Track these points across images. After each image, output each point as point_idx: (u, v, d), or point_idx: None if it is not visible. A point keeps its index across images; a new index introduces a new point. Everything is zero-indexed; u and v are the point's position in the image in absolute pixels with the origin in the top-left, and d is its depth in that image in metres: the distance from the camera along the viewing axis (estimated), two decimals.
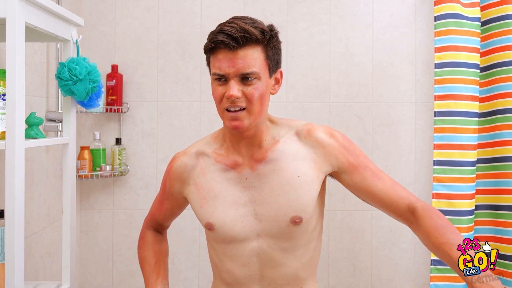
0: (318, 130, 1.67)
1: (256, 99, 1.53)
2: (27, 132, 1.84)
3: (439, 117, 2.68)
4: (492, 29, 2.72)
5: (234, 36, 1.48)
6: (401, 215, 1.64)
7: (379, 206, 1.67)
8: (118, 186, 3.11)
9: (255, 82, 1.52)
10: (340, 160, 1.65)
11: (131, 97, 3.10)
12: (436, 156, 2.68)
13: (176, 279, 3.12)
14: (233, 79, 1.51)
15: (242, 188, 1.64)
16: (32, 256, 2.46)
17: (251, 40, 1.51)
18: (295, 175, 1.61)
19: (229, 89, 1.50)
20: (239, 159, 1.66)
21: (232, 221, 1.62)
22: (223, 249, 1.67)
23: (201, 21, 3.11)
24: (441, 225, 1.53)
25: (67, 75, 1.88)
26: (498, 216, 2.70)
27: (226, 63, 1.50)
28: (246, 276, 1.65)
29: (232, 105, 1.52)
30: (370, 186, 1.65)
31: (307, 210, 1.61)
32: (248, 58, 1.51)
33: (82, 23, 2.05)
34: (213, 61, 1.54)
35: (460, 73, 2.67)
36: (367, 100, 3.09)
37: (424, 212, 1.58)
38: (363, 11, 3.10)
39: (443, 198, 2.66)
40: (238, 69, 1.50)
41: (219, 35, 1.50)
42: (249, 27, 1.51)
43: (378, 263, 3.10)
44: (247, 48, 1.51)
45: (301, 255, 1.66)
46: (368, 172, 1.67)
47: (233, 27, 1.50)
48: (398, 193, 1.65)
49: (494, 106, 2.71)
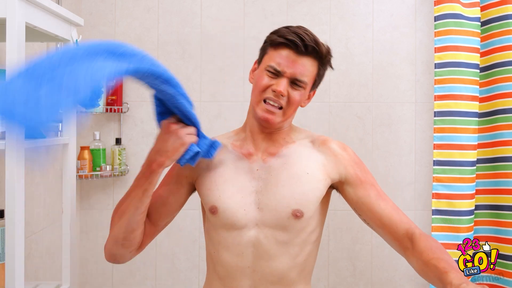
0: (332, 142, 1.75)
1: (294, 103, 1.66)
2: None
3: (439, 117, 2.68)
4: (492, 29, 2.71)
5: (306, 43, 1.60)
6: (398, 238, 1.64)
7: (378, 226, 1.69)
8: (118, 186, 3.11)
9: (300, 89, 1.65)
10: (348, 171, 1.71)
11: (131, 97, 3.11)
12: (436, 156, 2.68)
13: (176, 279, 3.12)
14: (286, 79, 1.63)
15: (251, 178, 1.70)
16: (32, 256, 2.46)
17: (316, 54, 1.64)
18: (304, 171, 1.67)
19: (279, 84, 1.62)
20: (254, 150, 1.74)
21: (236, 207, 1.66)
22: (221, 237, 1.69)
23: (201, 21, 3.11)
24: (436, 247, 1.53)
25: None
26: (498, 216, 2.70)
27: (287, 63, 1.62)
28: (239, 268, 1.67)
29: (274, 98, 1.63)
30: (373, 204, 1.68)
31: (310, 207, 1.65)
32: (306, 67, 1.64)
33: (82, 23, 2.05)
34: (273, 54, 1.65)
35: (460, 73, 2.67)
36: (367, 100, 3.09)
37: (421, 236, 1.58)
38: (363, 11, 3.10)
39: (443, 198, 2.66)
40: (295, 72, 1.63)
41: (293, 35, 1.61)
42: (320, 41, 1.64)
43: (378, 263, 3.10)
44: (309, 58, 1.64)
45: (296, 254, 1.68)
46: (373, 190, 1.71)
47: (307, 35, 1.62)
48: (399, 216, 1.67)
49: (494, 106, 2.71)
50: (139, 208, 1.63)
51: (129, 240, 1.67)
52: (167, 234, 3.10)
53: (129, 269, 3.12)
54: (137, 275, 3.12)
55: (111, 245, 1.69)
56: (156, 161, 1.59)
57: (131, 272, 3.13)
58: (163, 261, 3.12)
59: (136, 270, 3.12)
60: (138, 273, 3.12)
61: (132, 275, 3.13)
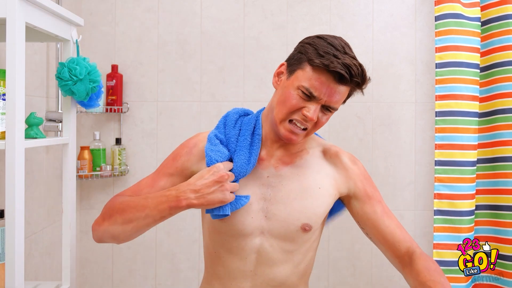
0: (343, 154, 1.73)
1: (319, 125, 1.58)
2: (27, 132, 1.84)
3: (440, 117, 2.68)
4: (492, 29, 2.71)
5: (353, 79, 1.50)
6: (398, 256, 1.65)
7: (380, 242, 1.69)
8: (118, 186, 3.10)
9: (329, 114, 1.57)
10: (358, 186, 1.70)
11: (131, 97, 3.10)
12: (438, 156, 2.68)
13: (176, 279, 3.12)
14: (319, 105, 1.53)
15: (260, 185, 1.66)
16: (32, 256, 2.46)
17: (356, 84, 1.54)
18: (316, 186, 1.66)
19: (311, 111, 1.52)
20: (266, 156, 1.69)
21: (244, 215, 1.62)
22: (223, 240, 1.67)
23: (201, 21, 3.10)
24: (434, 269, 1.53)
25: (67, 75, 1.88)
26: (498, 216, 2.70)
27: (325, 90, 1.50)
28: (240, 271, 1.66)
29: (302, 122, 1.55)
30: (378, 220, 1.68)
31: (318, 221, 1.66)
32: (342, 95, 1.54)
33: (82, 23, 2.04)
34: (311, 76, 1.52)
35: (461, 73, 2.66)
36: (367, 100, 3.08)
37: (421, 256, 1.58)
38: (363, 11, 3.09)
39: (445, 199, 2.66)
40: (331, 101, 1.53)
41: (342, 67, 1.47)
42: (365, 73, 1.54)
43: (378, 262, 3.09)
44: (347, 86, 1.53)
45: (299, 262, 1.69)
46: (380, 207, 1.70)
47: (356, 66, 1.49)
48: (402, 234, 1.67)
49: (494, 106, 2.70)
50: (150, 226, 1.58)
51: (127, 240, 1.64)
52: (167, 233, 3.10)
53: (129, 269, 3.12)
54: (137, 275, 3.12)
55: (105, 237, 1.64)
56: (188, 200, 1.50)
57: (131, 272, 3.12)
58: (163, 261, 3.12)
59: (136, 270, 3.11)
60: (138, 273, 3.11)
61: (132, 275, 3.12)
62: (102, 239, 1.64)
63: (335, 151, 1.73)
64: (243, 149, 1.63)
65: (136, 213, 1.55)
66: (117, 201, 1.63)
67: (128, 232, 1.59)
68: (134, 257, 3.11)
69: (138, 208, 1.56)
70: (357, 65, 1.50)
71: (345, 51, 1.51)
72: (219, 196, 1.51)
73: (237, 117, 1.75)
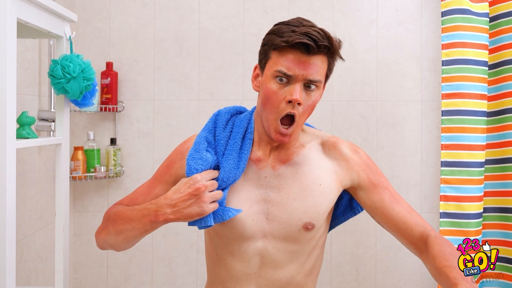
0: (343, 144, 1.70)
1: (310, 109, 1.55)
2: (19, 132, 1.82)
3: (446, 116, 2.65)
4: (501, 25, 2.68)
5: (318, 43, 1.47)
6: (413, 242, 1.63)
7: (393, 230, 1.68)
8: (113, 187, 3.07)
9: (315, 91, 1.54)
10: (361, 176, 1.68)
11: (126, 95, 3.07)
12: (444, 157, 2.65)
13: (173, 284, 3.08)
14: (299, 83, 1.50)
15: (258, 185, 1.64)
16: (24, 261, 2.43)
17: (328, 50, 1.51)
18: (317, 183, 1.63)
19: (294, 92, 1.49)
20: (262, 156, 1.66)
21: (244, 217, 1.61)
22: (225, 244, 1.67)
23: (199, 17, 3.06)
24: (449, 252, 1.49)
25: (60, 73, 1.85)
26: (507, 219, 2.67)
27: (297, 65, 1.49)
28: (244, 273, 1.65)
29: (292, 111, 1.51)
30: (387, 208, 1.66)
31: (320, 219, 1.64)
32: (318, 66, 1.51)
33: (76, 19, 2.03)
34: (279, 59, 1.51)
35: (468, 71, 2.63)
36: (371, 98, 3.05)
37: (436, 239, 1.56)
38: (366, 7, 3.06)
39: (451, 201, 2.63)
40: (308, 74, 1.49)
41: (303, 37, 1.46)
42: (332, 37, 1.51)
43: (383, 267, 3.06)
44: (320, 56, 1.51)
45: (304, 261, 1.68)
46: (387, 193, 1.68)
47: (318, 32, 1.48)
48: (414, 219, 1.65)
49: (503, 105, 2.67)
50: (138, 237, 1.59)
51: (124, 249, 1.67)
52: (164, 237, 3.08)
53: (124, 274, 3.08)
54: (133, 280, 3.08)
55: (105, 246, 1.69)
56: (164, 215, 1.51)
57: (127, 277, 3.08)
58: (159, 266, 3.08)
59: (132, 275, 3.07)
60: (134, 278, 3.08)
61: (128, 280, 3.08)
62: (103, 247, 1.70)
63: (334, 142, 1.70)
64: (232, 153, 1.61)
65: (124, 224, 1.59)
66: (112, 211, 1.67)
67: (120, 243, 1.63)
68: (130, 261, 3.08)
69: (125, 220, 1.59)
70: (317, 30, 1.48)
71: (302, 24, 1.51)
72: (196, 209, 1.49)
73: (229, 117, 1.73)
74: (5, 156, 1.52)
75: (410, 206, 1.69)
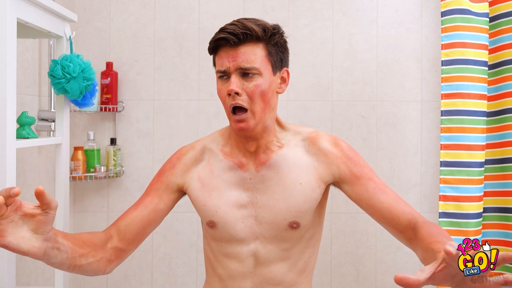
0: (322, 139, 1.72)
1: (257, 96, 1.57)
2: (19, 132, 1.83)
3: (446, 116, 2.64)
4: (500, 25, 2.66)
5: (235, 32, 1.54)
6: (401, 230, 1.63)
7: (380, 220, 1.68)
8: (113, 188, 3.06)
9: (256, 78, 1.57)
10: (341, 170, 1.69)
11: (126, 95, 3.06)
12: (443, 157, 2.64)
13: (173, 284, 3.08)
14: (234, 74, 1.57)
15: (245, 189, 1.68)
16: (23, 261, 2.42)
17: (252, 37, 1.57)
18: (297, 182, 1.66)
19: (229, 83, 1.56)
20: (244, 159, 1.70)
21: (234, 221, 1.66)
22: (220, 247, 1.71)
23: (199, 16, 3.05)
24: (436, 232, 1.47)
25: (60, 73, 1.86)
26: (507, 219, 2.66)
27: (226, 59, 1.57)
28: (240, 272, 1.70)
29: (234, 102, 1.56)
30: (372, 198, 1.67)
31: (305, 217, 1.67)
32: (249, 54, 1.56)
33: (76, 19, 2.04)
34: (217, 60, 1.61)
35: (467, 71, 2.62)
36: (371, 98, 3.04)
37: (424, 224, 1.54)
38: (367, 6, 3.05)
39: (451, 201, 2.62)
40: (238, 63, 1.56)
41: (220, 33, 1.56)
42: (250, 24, 1.57)
43: (383, 267, 3.05)
44: (248, 44, 1.57)
45: (296, 259, 1.71)
46: (371, 184, 1.69)
47: (235, 25, 1.57)
48: (400, 207, 1.65)
49: (503, 105, 2.66)
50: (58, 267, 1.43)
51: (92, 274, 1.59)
52: (164, 237, 3.07)
53: (124, 274, 3.07)
54: (133, 280, 3.07)
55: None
56: None
57: (126, 277, 3.07)
58: (159, 266, 3.08)
59: (132, 275, 3.07)
60: (133, 278, 3.07)
61: (128, 280, 3.08)
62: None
63: (313, 137, 1.72)
64: None
65: None
66: None
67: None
68: (130, 261, 3.07)
69: None
70: (234, 23, 1.57)
71: (229, 23, 1.60)
72: None
73: None
74: (5, 156, 1.52)
75: (396, 195, 1.69)
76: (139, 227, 1.68)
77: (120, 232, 1.66)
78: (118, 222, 1.68)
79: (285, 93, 3.02)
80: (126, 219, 1.68)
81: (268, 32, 1.58)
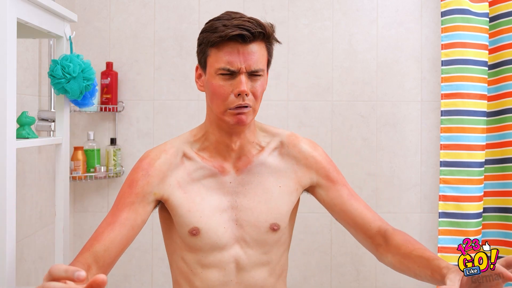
0: (302, 142, 1.74)
1: (259, 95, 1.57)
2: (19, 132, 1.81)
3: (446, 116, 2.63)
4: (500, 25, 2.66)
5: (252, 31, 1.49)
6: (370, 236, 1.69)
7: (351, 226, 1.72)
8: (113, 188, 3.07)
9: (260, 78, 1.55)
10: (320, 174, 1.73)
11: (126, 95, 3.06)
12: (443, 157, 2.63)
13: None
14: (243, 74, 1.52)
15: (225, 193, 1.66)
16: (24, 261, 2.42)
17: (263, 36, 1.54)
18: (276, 185, 1.68)
19: (241, 84, 1.51)
20: (224, 163, 1.67)
21: (216, 226, 1.62)
22: (199, 257, 1.64)
23: (199, 16, 3.06)
24: (414, 240, 1.59)
25: (60, 73, 1.85)
26: (507, 219, 2.65)
27: (237, 58, 1.51)
28: (221, 282, 1.65)
29: (243, 103, 1.52)
30: (345, 204, 1.71)
31: (284, 220, 1.68)
32: (258, 54, 1.53)
33: (76, 19, 2.03)
34: (218, 54, 1.53)
35: (467, 71, 2.61)
36: (371, 98, 3.04)
37: (395, 231, 1.65)
38: (367, 6, 3.06)
39: (451, 201, 2.61)
40: (250, 64, 1.51)
41: (236, 29, 1.48)
42: (263, 22, 1.53)
43: (383, 268, 3.03)
44: (256, 43, 1.53)
45: (275, 263, 1.71)
46: (345, 190, 1.73)
47: (249, 22, 1.51)
48: (371, 214, 1.71)
49: (503, 105, 2.65)
50: None
51: None
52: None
53: (124, 274, 3.08)
54: (133, 281, 3.08)
55: None
56: None
57: (126, 277, 3.07)
58: (159, 266, 3.08)
59: (132, 275, 3.07)
60: (133, 278, 3.07)
61: (128, 280, 3.08)
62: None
63: (292, 140, 1.73)
64: None
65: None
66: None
67: None
68: (130, 261, 3.07)
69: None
70: (248, 19, 1.51)
71: (232, 16, 1.53)
72: None
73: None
74: (5, 156, 1.51)
75: (366, 204, 1.74)
76: (119, 248, 1.54)
77: (99, 258, 1.52)
78: (94, 246, 1.52)
79: (285, 93, 3.03)
80: (104, 242, 1.52)
81: (272, 31, 1.57)
